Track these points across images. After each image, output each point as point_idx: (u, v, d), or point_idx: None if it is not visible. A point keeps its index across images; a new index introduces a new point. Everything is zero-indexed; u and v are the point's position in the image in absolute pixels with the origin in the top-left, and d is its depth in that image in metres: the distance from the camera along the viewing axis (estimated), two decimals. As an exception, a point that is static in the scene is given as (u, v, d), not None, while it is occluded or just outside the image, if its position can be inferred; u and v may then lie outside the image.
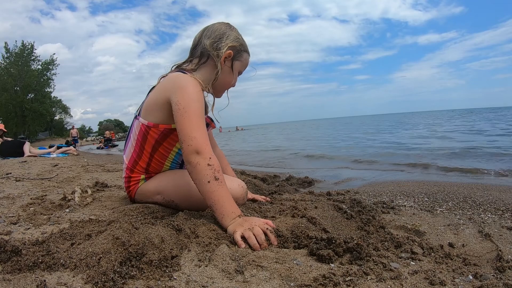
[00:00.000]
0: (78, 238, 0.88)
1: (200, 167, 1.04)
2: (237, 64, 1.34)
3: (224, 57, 1.27)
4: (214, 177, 1.03)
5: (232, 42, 1.28)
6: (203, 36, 1.30)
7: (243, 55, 1.35)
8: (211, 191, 1.02)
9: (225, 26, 1.31)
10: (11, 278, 0.66)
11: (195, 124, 1.10)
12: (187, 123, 1.10)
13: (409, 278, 0.76)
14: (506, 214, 1.38)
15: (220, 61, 1.26)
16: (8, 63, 28.35)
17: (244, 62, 1.36)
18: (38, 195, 1.68)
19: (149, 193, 1.33)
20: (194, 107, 1.13)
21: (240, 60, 1.34)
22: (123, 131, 49.60)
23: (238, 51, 1.31)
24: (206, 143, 1.09)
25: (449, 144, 5.81)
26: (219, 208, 1.01)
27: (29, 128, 29.23)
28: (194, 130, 1.09)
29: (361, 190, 2.03)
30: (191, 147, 1.07)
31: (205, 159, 1.05)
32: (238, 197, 1.27)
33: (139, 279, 0.69)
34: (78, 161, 4.47)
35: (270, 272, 0.73)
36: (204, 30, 1.31)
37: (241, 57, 1.34)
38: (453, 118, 21.14)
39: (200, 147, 1.06)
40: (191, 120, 1.11)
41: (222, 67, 1.28)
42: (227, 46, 1.26)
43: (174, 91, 1.17)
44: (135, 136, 1.30)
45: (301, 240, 0.92)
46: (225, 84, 1.34)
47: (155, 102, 1.24)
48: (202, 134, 1.10)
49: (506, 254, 0.94)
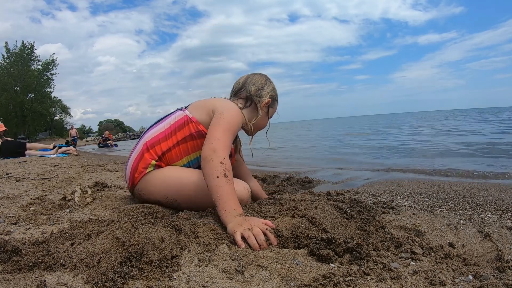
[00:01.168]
0: (78, 238, 0.88)
1: (213, 163, 1.12)
2: (271, 110, 1.58)
3: (264, 103, 1.48)
4: (224, 174, 1.09)
5: (271, 92, 1.52)
6: (247, 83, 1.50)
7: (275, 104, 1.60)
8: (218, 185, 1.07)
9: (265, 78, 1.55)
10: (11, 278, 0.66)
11: (225, 132, 1.23)
12: (219, 128, 1.23)
13: (409, 278, 0.76)
14: (506, 214, 1.38)
15: (261, 106, 1.47)
16: (8, 63, 28.36)
17: (275, 109, 1.61)
18: (38, 195, 1.68)
19: (152, 188, 1.32)
20: (231, 120, 1.28)
21: (274, 107, 1.59)
22: (123, 131, 49.60)
23: (274, 100, 1.55)
24: (225, 147, 1.18)
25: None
26: (222, 203, 1.04)
27: (29, 128, 29.22)
28: (221, 134, 1.21)
29: (361, 190, 2.03)
30: (212, 145, 1.16)
31: (219, 158, 1.13)
32: (243, 198, 1.29)
33: (139, 279, 0.69)
34: (78, 161, 4.47)
35: (270, 272, 0.73)
36: (248, 77, 1.52)
37: (274, 105, 1.58)
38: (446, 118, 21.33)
39: (218, 148, 1.16)
40: (223, 127, 1.23)
41: (261, 111, 1.48)
42: (268, 94, 1.49)
43: (222, 107, 1.32)
44: (172, 121, 1.37)
45: (301, 240, 0.92)
46: (260, 125, 1.55)
47: (204, 106, 1.37)
48: (226, 141, 1.21)
49: (506, 254, 0.94)
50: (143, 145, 1.35)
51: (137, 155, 1.35)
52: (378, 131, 12.31)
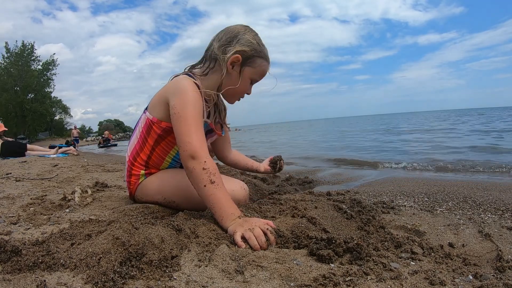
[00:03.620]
0: (78, 238, 0.88)
1: (196, 172, 1.06)
2: (248, 70, 1.25)
3: (230, 61, 1.21)
4: (210, 181, 1.04)
5: (242, 46, 1.21)
6: (214, 39, 1.25)
7: (257, 61, 1.24)
8: (208, 194, 1.03)
9: (240, 28, 1.24)
10: (11, 278, 0.66)
11: (190, 129, 1.11)
12: (182, 128, 1.12)
13: (409, 278, 0.76)
14: (506, 214, 1.38)
15: (227, 66, 1.21)
16: (8, 63, 28.37)
17: (258, 69, 1.27)
18: (38, 195, 1.68)
19: (150, 192, 1.33)
20: (189, 111, 1.13)
21: (252, 67, 1.25)
22: (123, 131, 49.64)
23: (249, 57, 1.22)
24: (200, 147, 1.09)
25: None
26: (218, 210, 1.01)
27: (29, 128, 29.23)
28: (188, 135, 1.10)
29: (361, 190, 2.03)
30: (186, 152, 1.08)
31: (200, 163, 1.06)
32: (240, 198, 1.28)
33: (139, 279, 0.69)
34: (78, 161, 4.47)
35: (270, 272, 0.73)
36: (220, 32, 1.26)
37: (254, 63, 1.24)
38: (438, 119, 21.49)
39: (194, 152, 1.07)
40: (185, 124, 1.11)
41: (229, 72, 1.22)
42: (235, 50, 1.20)
43: (173, 94, 1.18)
44: (140, 128, 1.32)
45: (301, 240, 0.92)
46: (234, 91, 1.27)
47: (158, 100, 1.25)
48: (197, 138, 1.10)
49: (506, 254, 0.94)
50: (128, 161, 1.37)
51: (127, 171, 1.37)
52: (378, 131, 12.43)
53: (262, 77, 1.32)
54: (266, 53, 1.27)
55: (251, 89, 1.33)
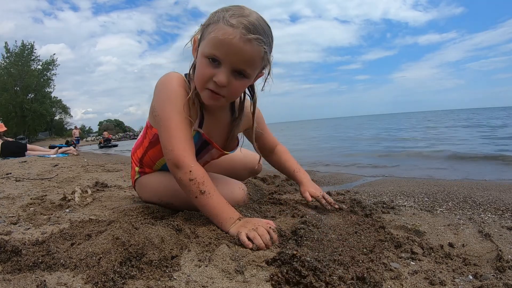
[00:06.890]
0: (78, 238, 0.88)
1: (183, 183, 1.00)
2: (201, 46, 0.98)
3: (194, 47, 1.04)
4: (200, 191, 0.98)
5: (209, 19, 0.96)
6: None
7: (209, 29, 0.95)
8: (201, 205, 1.00)
9: (217, 10, 0.98)
10: (11, 278, 0.66)
11: (171, 135, 1.02)
12: (163, 134, 1.04)
13: (409, 278, 0.76)
14: (506, 214, 1.38)
15: (193, 53, 1.06)
16: (8, 63, 28.39)
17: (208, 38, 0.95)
18: (38, 195, 1.68)
19: (146, 194, 1.35)
20: (168, 110, 1.03)
21: (205, 38, 0.96)
22: (123, 131, 49.66)
23: (204, 29, 0.97)
24: (183, 154, 1.00)
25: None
26: (215, 218, 0.98)
27: (29, 128, 29.24)
28: (169, 142, 1.02)
29: (361, 190, 2.03)
30: (170, 161, 1.02)
31: (186, 174, 0.99)
32: (239, 199, 1.24)
33: (139, 279, 0.69)
34: (78, 161, 4.47)
35: (270, 272, 0.73)
36: None
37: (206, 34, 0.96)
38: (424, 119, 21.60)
39: (177, 160, 1.00)
40: (165, 129, 1.03)
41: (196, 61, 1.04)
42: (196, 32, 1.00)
43: (155, 95, 1.11)
44: (144, 128, 1.34)
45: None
46: (197, 79, 1.02)
47: (151, 104, 1.18)
48: (178, 144, 1.01)
49: (506, 254, 0.94)
50: (131, 153, 1.42)
51: (131, 162, 1.42)
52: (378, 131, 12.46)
53: (220, 47, 0.93)
54: (226, 15, 0.92)
55: (220, 74, 0.96)
